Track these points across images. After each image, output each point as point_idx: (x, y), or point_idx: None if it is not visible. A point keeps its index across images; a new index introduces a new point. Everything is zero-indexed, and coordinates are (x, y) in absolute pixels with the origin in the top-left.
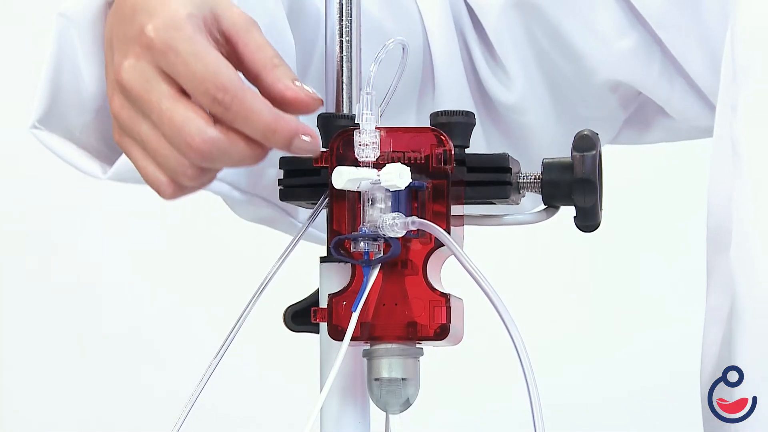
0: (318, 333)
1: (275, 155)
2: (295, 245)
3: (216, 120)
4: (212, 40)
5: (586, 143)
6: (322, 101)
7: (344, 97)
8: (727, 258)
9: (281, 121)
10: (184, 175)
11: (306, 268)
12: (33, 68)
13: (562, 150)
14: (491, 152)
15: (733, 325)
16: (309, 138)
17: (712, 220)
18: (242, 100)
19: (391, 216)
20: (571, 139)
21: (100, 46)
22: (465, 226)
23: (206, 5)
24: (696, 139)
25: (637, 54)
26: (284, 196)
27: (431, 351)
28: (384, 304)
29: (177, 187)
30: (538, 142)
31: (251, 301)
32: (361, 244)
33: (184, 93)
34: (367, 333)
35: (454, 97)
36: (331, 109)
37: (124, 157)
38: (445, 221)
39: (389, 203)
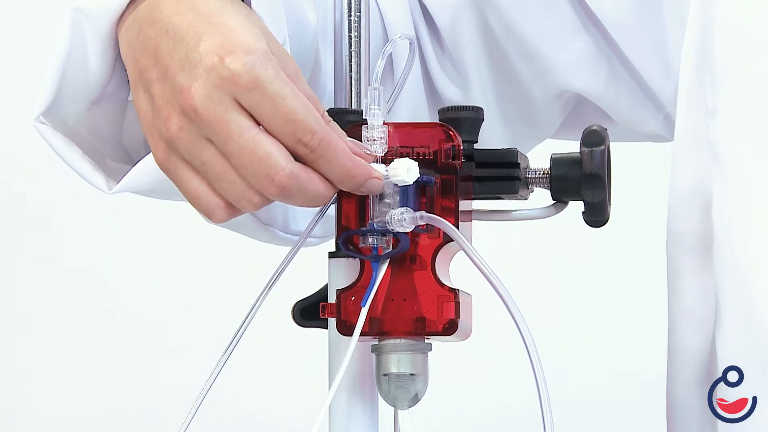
0: (326, 328)
1: None
2: (304, 239)
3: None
4: None
5: (594, 138)
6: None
7: (353, 93)
8: (703, 261)
9: (359, 167)
10: (249, 202)
11: (315, 264)
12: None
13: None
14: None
15: (717, 328)
16: (377, 181)
17: (676, 223)
18: (327, 143)
19: (399, 211)
20: (511, 139)
21: (111, 39)
22: (473, 222)
23: (266, 39)
24: (639, 142)
25: (586, 58)
26: None
27: (440, 346)
28: (392, 300)
29: (231, 212)
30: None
31: (260, 296)
32: (370, 239)
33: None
34: (376, 328)
35: (409, 93)
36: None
37: (131, 174)
38: (454, 216)
39: (397, 198)
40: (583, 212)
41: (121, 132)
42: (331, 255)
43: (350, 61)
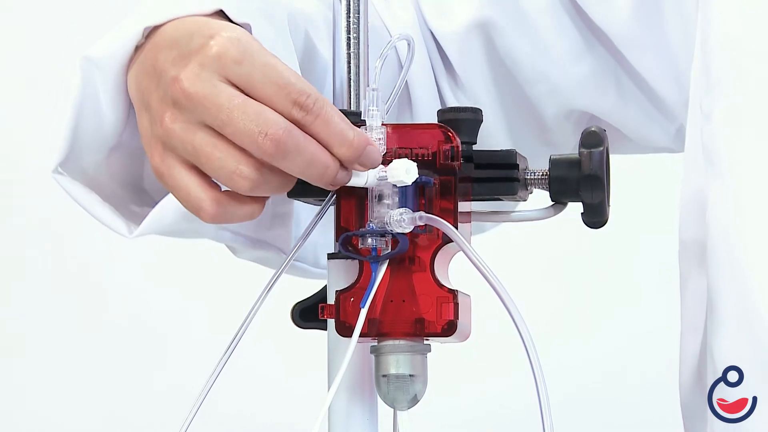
0: (326, 329)
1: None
2: (304, 241)
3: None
4: None
5: (593, 139)
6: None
7: (352, 94)
8: (700, 267)
9: (357, 132)
10: (240, 176)
11: None
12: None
13: None
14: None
15: (716, 329)
16: (375, 149)
17: (683, 232)
18: (323, 103)
19: (398, 212)
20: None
21: (122, 86)
22: (472, 223)
23: None
24: (657, 153)
25: (593, 77)
26: (292, 193)
27: (439, 347)
28: (391, 301)
29: (220, 208)
30: None
31: (260, 298)
32: (369, 240)
33: None
34: (375, 329)
35: (429, 118)
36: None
37: (150, 216)
38: (453, 217)
39: (396, 199)
40: (582, 213)
41: (143, 177)
42: (330, 256)
43: (349, 62)
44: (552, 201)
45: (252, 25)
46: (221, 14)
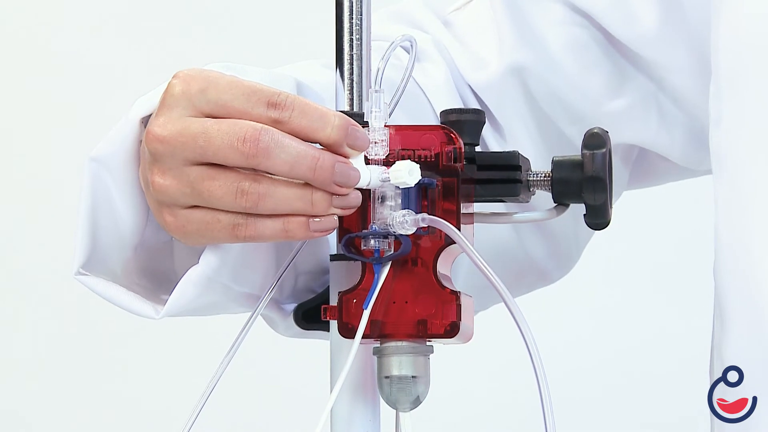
0: (328, 331)
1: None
2: (305, 242)
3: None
4: None
5: (596, 141)
6: None
7: (354, 96)
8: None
9: (339, 114)
10: (243, 192)
11: None
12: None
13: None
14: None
15: (716, 328)
16: (359, 128)
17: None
18: (295, 98)
19: (401, 213)
20: (574, 206)
21: (134, 184)
22: (475, 224)
23: None
24: (708, 175)
25: (632, 110)
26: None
27: (441, 348)
28: (394, 302)
29: (250, 220)
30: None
31: (262, 299)
32: (372, 241)
33: None
34: (378, 331)
35: None
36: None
37: (175, 293)
38: (456, 219)
39: (399, 201)
40: (584, 215)
41: (175, 271)
42: (333, 258)
43: (351, 63)
44: (555, 202)
45: None
46: None
